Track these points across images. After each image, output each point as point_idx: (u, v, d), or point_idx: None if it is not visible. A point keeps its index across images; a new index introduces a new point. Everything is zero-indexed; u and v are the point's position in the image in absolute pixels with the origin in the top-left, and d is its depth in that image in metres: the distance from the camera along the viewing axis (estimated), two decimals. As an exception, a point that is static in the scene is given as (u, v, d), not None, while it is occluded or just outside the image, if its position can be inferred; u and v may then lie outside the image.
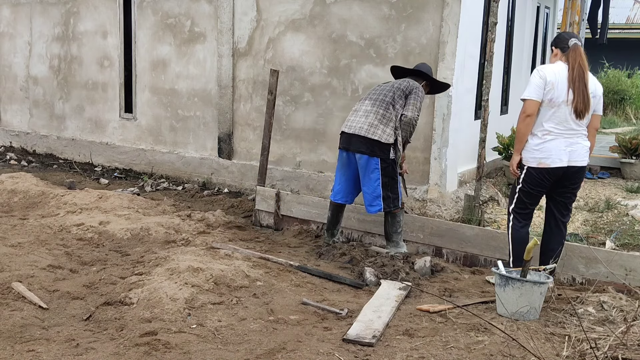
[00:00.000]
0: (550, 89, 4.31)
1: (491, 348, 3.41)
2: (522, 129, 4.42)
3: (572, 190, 4.51)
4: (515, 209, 4.56)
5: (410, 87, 5.17)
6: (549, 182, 4.43)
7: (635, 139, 8.48)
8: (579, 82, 4.31)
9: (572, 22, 10.17)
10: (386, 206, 5.13)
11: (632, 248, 5.52)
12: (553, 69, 4.37)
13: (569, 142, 4.36)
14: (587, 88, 4.33)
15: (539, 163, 4.38)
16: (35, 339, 3.48)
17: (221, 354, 3.34)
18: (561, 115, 4.33)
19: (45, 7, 9.57)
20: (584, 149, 4.41)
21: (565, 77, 4.33)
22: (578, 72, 4.33)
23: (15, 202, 6.64)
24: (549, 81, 4.31)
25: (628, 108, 16.16)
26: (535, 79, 4.36)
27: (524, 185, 4.49)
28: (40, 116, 9.91)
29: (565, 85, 4.32)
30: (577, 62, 4.35)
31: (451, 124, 6.33)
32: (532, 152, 4.42)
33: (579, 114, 4.31)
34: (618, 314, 3.89)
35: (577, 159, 4.38)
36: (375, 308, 4.02)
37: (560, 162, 4.35)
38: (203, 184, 8.01)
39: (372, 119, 5.07)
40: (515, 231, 4.55)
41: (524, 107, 4.40)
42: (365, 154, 5.06)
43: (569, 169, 4.38)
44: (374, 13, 6.68)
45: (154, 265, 4.55)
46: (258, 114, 7.54)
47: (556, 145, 4.34)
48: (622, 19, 21.42)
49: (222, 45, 7.74)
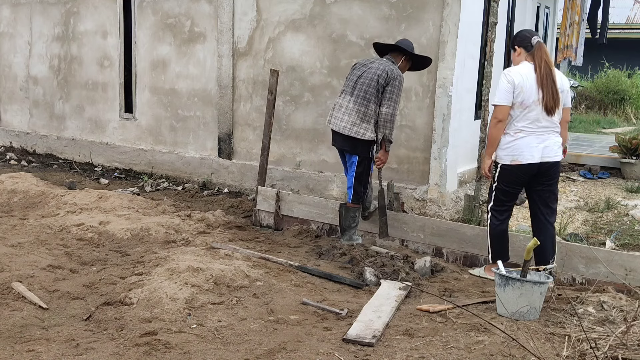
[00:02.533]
0: (520, 92, 4.40)
1: (491, 348, 3.41)
2: (493, 133, 4.54)
3: (549, 186, 4.58)
4: (494, 206, 4.67)
5: (388, 77, 5.19)
6: (524, 179, 4.53)
7: (635, 139, 8.48)
8: (547, 80, 4.39)
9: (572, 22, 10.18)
10: (355, 199, 5.37)
11: (632, 248, 5.52)
12: (520, 71, 4.45)
13: (541, 139, 4.45)
14: (555, 85, 4.41)
15: (512, 160, 4.49)
16: (35, 339, 3.48)
17: (221, 354, 3.34)
18: (532, 115, 4.43)
19: (45, 7, 9.57)
20: (556, 144, 4.51)
21: (533, 78, 4.41)
22: (545, 70, 4.41)
23: (15, 202, 6.64)
24: (517, 84, 4.40)
25: (628, 108, 16.16)
26: (504, 84, 4.45)
27: (499, 184, 4.61)
28: (40, 116, 9.91)
29: (534, 86, 4.40)
30: (543, 60, 4.44)
31: (451, 124, 6.33)
32: (504, 149, 4.53)
33: (550, 111, 4.41)
34: (618, 314, 3.89)
35: (550, 155, 4.48)
36: (375, 308, 4.02)
37: (532, 158, 4.45)
38: (203, 184, 8.01)
39: (354, 117, 5.25)
40: (494, 228, 4.66)
41: (495, 112, 4.51)
42: (348, 151, 5.39)
43: (542, 165, 4.47)
44: (374, 13, 6.68)
45: (154, 265, 4.55)
46: (258, 114, 7.54)
47: (528, 142, 4.44)
48: (622, 19, 21.44)
49: (222, 45, 7.74)
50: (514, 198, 4.66)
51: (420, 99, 6.50)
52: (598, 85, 17.32)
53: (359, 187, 5.36)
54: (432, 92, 6.40)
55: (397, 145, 6.58)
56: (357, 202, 5.41)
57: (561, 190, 7.64)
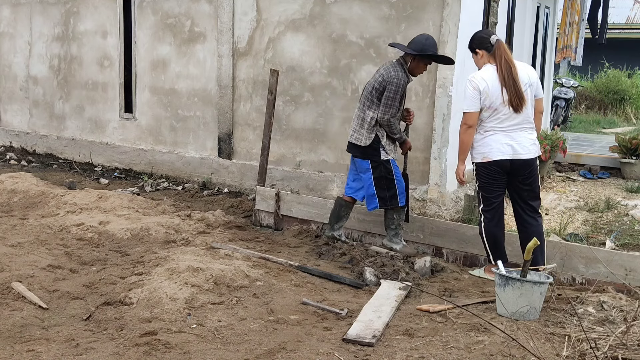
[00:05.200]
0: (486, 97, 4.46)
1: (491, 348, 3.41)
2: (464, 139, 4.62)
3: (527, 184, 4.61)
4: (484, 207, 4.72)
5: (384, 81, 5.16)
6: (500, 175, 4.58)
7: (635, 139, 8.48)
8: (508, 78, 4.42)
9: (572, 22, 10.18)
10: (382, 204, 5.28)
11: (632, 248, 5.52)
12: (482, 76, 4.51)
13: (510, 137, 4.51)
14: (517, 82, 4.43)
15: (482, 158, 4.59)
16: (35, 339, 3.48)
17: (221, 354, 3.34)
18: (501, 115, 4.49)
19: (45, 7, 9.57)
20: (528, 141, 4.55)
21: (496, 79, 4.45)
22: (506, 68, 4.44)
23: (15, 202, 6.64)
24: (482, 90, 4.46)
25: (628, 108, 16.16)
26: (470, 91, 4.51)
27: (480, 182, 4.69)
28: (40, 116, 9.91)
29: (498, 87, 4.44)
30: (503, 58, 4.47)
31: (451, 124, 6.33)
32: (475, 148, 4.63)
33: (516, 108, 4.45)
34: (618, 314, 3.89)
35: (521, 152, 4.52)
36: (375, 308, 4.02)
37: (502, 154, 4.50)
38: (203, 184, 8.01)
39: (355, 124, 5.35)
40: (487, 228, 4.68)
41: (465, 118, 4.57)
42: (358, 157, 5.35)
43: (515, 162, 4.52)
44: (374, 13, 6.68)
45: (154, 265, 4.55)
46: (258, 114, 7.54)
47: (496, 139, 4.52)
48: (622, 19, 21.43)
49: (222, 45, 7.74)
50: (499, 196, 4.68)
51: (420, 99, 6.50)
52: (598, 85, 17.32)
53: (382, 192, 5.22)
54: (432, 92, 6.40)
55: (397, 145, 6.59)
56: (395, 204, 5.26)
57: (561, 190, 7.65)
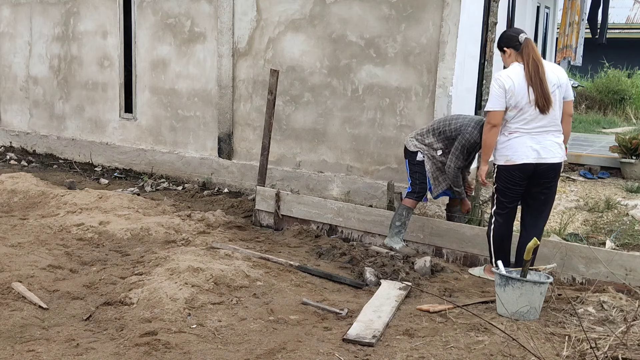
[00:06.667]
0: (511, 96, 4.33)
1: (491, 348, 3.41)
2: (488, 139, 4.48)
3: (546, 189, 4.50)
4: (496, 209, 4.61)
5: (457, 129, 5.17)
6: (521, 180, 4.45)
7: (635, 139, 8.47)
8: (535, 77, 4.30)
9: (572, 22, 10.17)
10: (408, 195, 5.42)
11: (632, 248, 5.52)
12: (509, 74, 4.38)
13: (537, 140, 4.37)
14: (543, 82, 4.30)
15: (506, 161, 4.44)
16: (35, 339, 3.48)
17: (221, 354, 3.34)
18: (527, 116, 4.36)
19: (45, 7, 9.57)
20: (554, 145, 4.40)
21: (523, 78, 4.33)
22: (533, 67, 4.32)
23: (15, 202, 6.64)
24: (508, 88, 4.33)
25: (628, 108, 16.15)
26: (495, 89, 4.39)
27: (499, 184, 4.56)
28: (40, 116, 9.91)
29: (525, 86, 4.32)
30: (531, 57, 4.35)
31: (451, 124, 6.32)
32: (499, 150, 4.49)
33: (543, 109, 4.31)
34: (618, 314, 3.89)
35: (547, 156, 4.39)
36: (375, 308, 4.02)
37: (526, 158, 4.37)
38: (203, 184, 8.01)
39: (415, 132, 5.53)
40: (496, 229, 4.60)
41: (489, 118, 4.44)
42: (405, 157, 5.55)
43: (539, 167, 4.40)
44: (374, 13, 6.68)
45: (154, 265, 4.55)
46: (258, 114, 7.54)
47: (522, 142, 4.38)
48: (622, 19, 21.44)
49: (222, 45, 7.74)
50: (515, 200, 4.57)
51: (420, 99, 6.50)
52: (598, 85, 17.30)
53: (414, 186, 5.39)
54: (432, 92, 6.40)
55: (397, 144, 6.58)
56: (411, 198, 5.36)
57: (561, 190, 7.64)
